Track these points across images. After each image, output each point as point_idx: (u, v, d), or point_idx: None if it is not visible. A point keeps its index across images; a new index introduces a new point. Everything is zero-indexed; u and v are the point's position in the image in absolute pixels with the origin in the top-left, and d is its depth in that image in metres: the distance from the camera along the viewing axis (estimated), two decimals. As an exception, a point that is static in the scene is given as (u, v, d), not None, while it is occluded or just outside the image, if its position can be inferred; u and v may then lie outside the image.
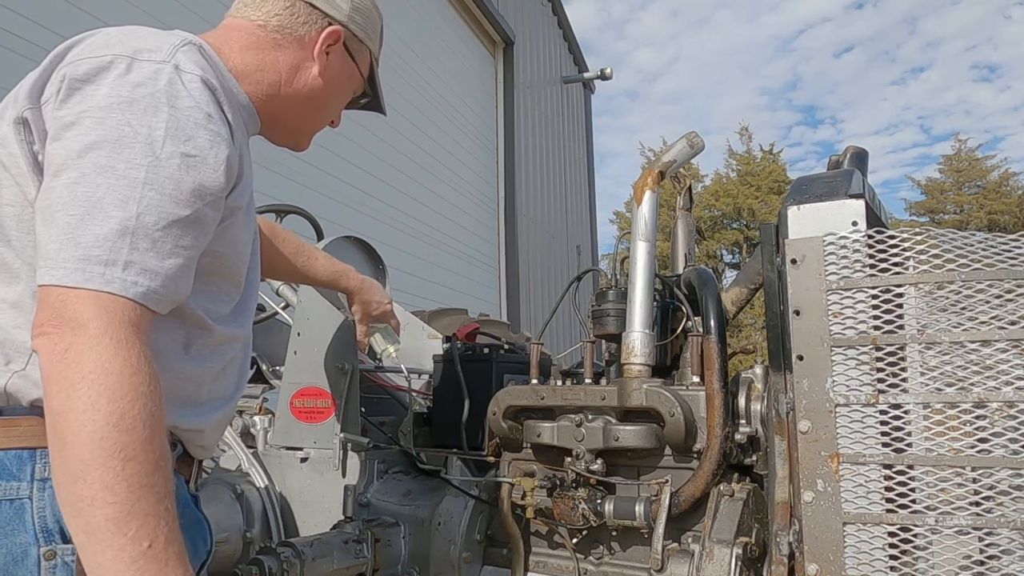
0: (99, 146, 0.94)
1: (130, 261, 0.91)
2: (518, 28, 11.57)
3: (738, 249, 30.27)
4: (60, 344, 0.88)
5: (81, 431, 0.85)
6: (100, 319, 0.89)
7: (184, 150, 0.98)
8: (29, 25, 4.04)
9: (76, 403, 0.85)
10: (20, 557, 0.93)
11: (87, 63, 1.00)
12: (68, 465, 0.86)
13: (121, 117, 0.96)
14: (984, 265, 1.25)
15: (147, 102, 0.98)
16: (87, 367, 0.86)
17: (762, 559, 1.56)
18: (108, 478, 0.84)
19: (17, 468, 0.96)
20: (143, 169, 0.94)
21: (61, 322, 0.89)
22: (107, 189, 0.92)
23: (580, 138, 14.74)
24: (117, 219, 0.92)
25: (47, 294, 0.91)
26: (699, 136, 1.82)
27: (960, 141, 32.15)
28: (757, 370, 1.64)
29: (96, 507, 0.84)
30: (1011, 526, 1.18)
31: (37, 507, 0.95)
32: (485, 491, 1.92)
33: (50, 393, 0.88)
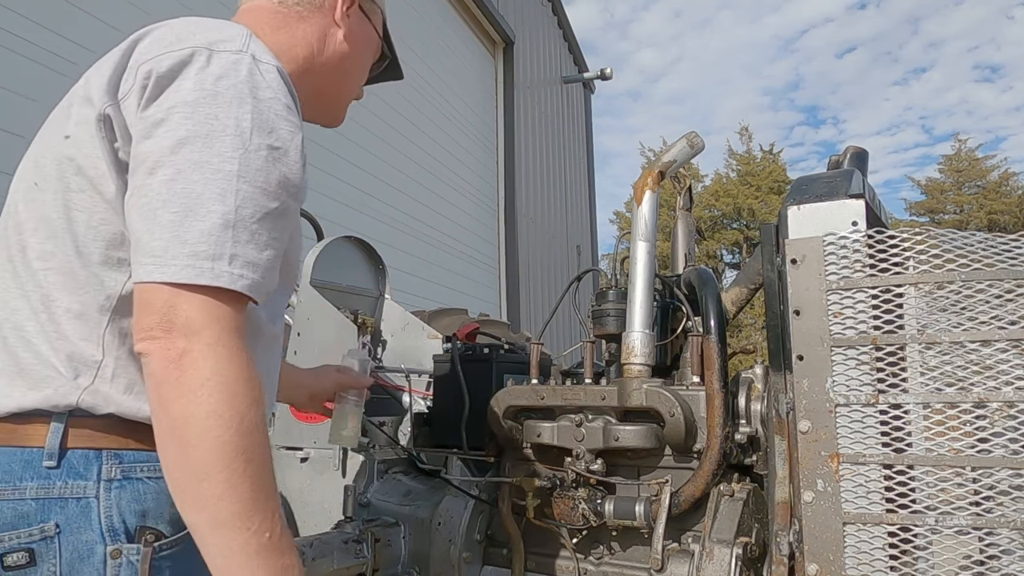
0: (190, 141, 0.95)
1: (235, 254, 0.93)
2: (518, 28, 11.57)
3: (738, 249, 30.27)
4: (173, 350, 0.89)
5: (206, 435, 0.88)
6: (212, 325, 0.91)
7: (269, 142, 0.99)
8: (29, 25, 4.04)
9: (198, 409, 0.88)
10: (86, 555, 0.95)
11: (168, 58, 1.00)
12: (191, 466, 0.89)
13: (208, 111, 0.97)
14: (984, 265, 1.25)
15: (231, 94, 0.98)
16: (205, 373, 0.89)
17: (762, 559, 1.56)
18: (233, 478, 0.88)
19: (84, 468, 0.97)
20: (235, 162, 0.95)
21: (171, 327, 0.90)
22: (204, 184, 0.93)
23: (580, 138, 14.74)
24: (218, 213, 0.93)
25: (152, 293, 0.91)
26: (699, 136, 1.82)
27: (960, 141, 32.18)
28: (757, 370, 1.64)
29: (223, 504, 0.88)
30: (1011, 526, 1.18)
31: (104, 507, 0.97)
32: (485, 491, 1.92)
33: (167, 398, 0.89)
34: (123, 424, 1.00)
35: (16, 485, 0.96)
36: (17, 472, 0.97)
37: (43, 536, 0.95)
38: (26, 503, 0.95)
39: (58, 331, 1.00)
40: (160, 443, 0.92)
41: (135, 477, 0.99)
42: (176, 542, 1.00)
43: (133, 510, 0.98)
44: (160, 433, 0.92)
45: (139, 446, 1.00)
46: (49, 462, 0.97)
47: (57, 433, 0.98)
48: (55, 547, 0.95)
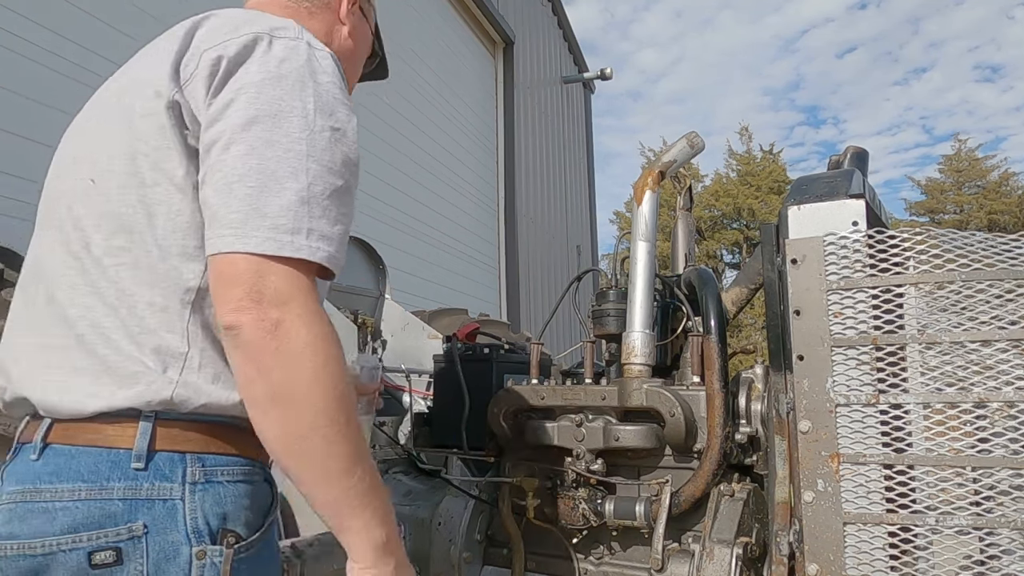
0: (260, 120, 0.99)
1: (311, 228, 0.97)
2: (518, 28, 11.57)
3: (738, 249, 30.27)
4: (267, 321, 0.93)
5: (310, 398, 0.94)
6: (299, 295, 0.95)
7: (331, 124, 1.04)
8: (29, 25, 4.04)
9: (300, 375, 0.94)
10: (172, 555, 0.97)
11: (234, 44, 1.04)
12: (297, 429, 0.95)
13: (274, 93, 1.01)
14: (984, 265, 1.25)
15: (294, 77, 1.03)
16: (302, 341, 0.94)
17: (762, 559, 1.56)
18: (337, 435, 0.96)
19: (170, 470, 1.00)
20: (303, 142, 1.00)
21: (261, 297, 0.94)
22: (277, 162, 0.98)
23: (580, 138, 14.74)
24: (293, 190, 0.97)
25: (236, 264, 0.94)
26: (699, 136, 1.82)
27: (960, 141, 32.17)
28: (757, 370, 1.64)
29: (331, 460, 0.96)
30: (1011, 526, 1.18)
31: (189, 508, 0.99)
32: (485, 491, 1.92)
33: (267, 367, 0.93)
34: (206, 427, 1.03)
35: (103, 485, 0.97)
36: (104, 472, 0.98)
37: (131, 536, 0.96)
38: (113, 503, 0.97)
39: (141, 325, 1.01)
40: (259, 411, 0.96)
41: (216, 480, 1.02)
42: (251, 544, 1.03)
43: (215, 512, 1.01)
44: (258, 402, 0.96)
45: (220, 450, 1.03)
46: (137, 464, 0.98)
47: (145, 435, 0.99)
48: (142, 547, 0.96)
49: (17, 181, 3.88)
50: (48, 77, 4.09)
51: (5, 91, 3.89)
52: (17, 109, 3.92)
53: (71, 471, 0.98)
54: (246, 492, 1.04)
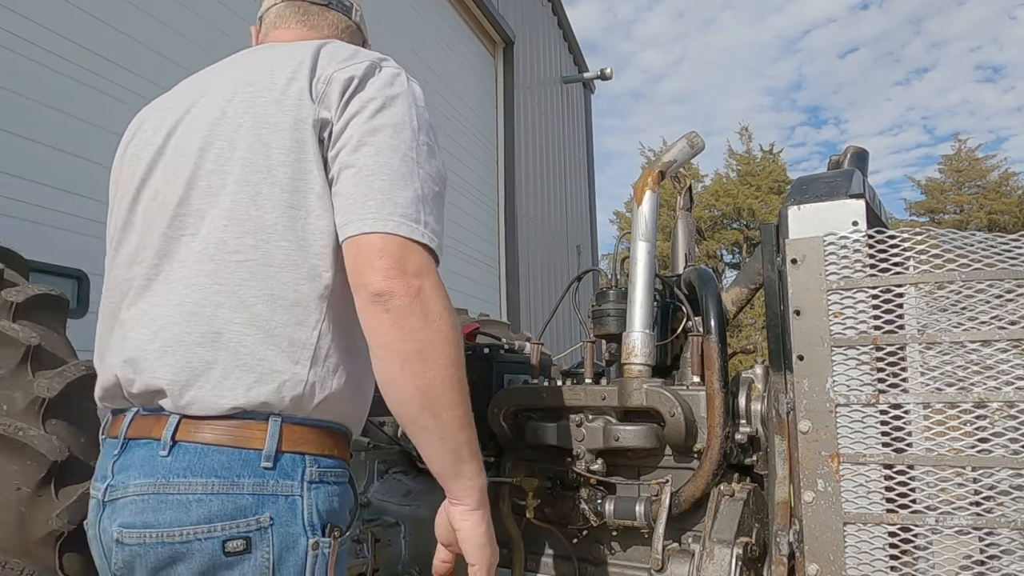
0: (383, 128, 1.16)
1: (427, 221, 1.13)
2: (518, 28, 11.56)
3: (738, 249, 30.27)
4: (412, 288, 1.08)
5: (447, 355, 1.09)
6: (431, 270, 1.11)
7: (427, 140, 1.21)
8: (29, 25, 4.04)
9: (440, 335, 1.09)
10: (292, 545, 1.09)
11: (358, 68, 1.21)
12: (432, 379, 1.09)
13: (392, 108, 1.18)
14: (984, 265, 1.25)
15: (403, 98, 1.21)
16: (440, 305, 1.10)
17: (762, 559, 1.56)
18: (462, 390, 1.12)
19: (291, 469, 1.11)
20: (414, 151, 1.17)
21: (405, 268, 1.08)
22: (400, 164, 1.14)
23: (580, 138, 14.73)
24: (412, 189, 1.14)
25: (381, 241, 1.09)
26: (699, 136, 1.82)
27: (960, 141, 32.18)
28: (757, 370, 1.64)
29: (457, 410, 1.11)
30: (1011, 526, 1.18)
31: (307, 504, 1.11)
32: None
33: (414, 328, 1.07)
34: (319, 432, 1.15)
35: (234, 481, 1.08)
36: (236, 469, 1.08)
37: (259, 527, 1.07)
38: (244, 497, 1.07)
39: (275, 321, 1.12)
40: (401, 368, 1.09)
41: (327, 481, 1.14)
42: (345, 539, 1.16)
43: (326, 509, 1.13)
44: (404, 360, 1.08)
45: (330, 453, 1.16)
46: (266, 463, 1.09)
47: (274, 437, 1.10)
48: (268, 537, 1.07)
49: (17, 181, 3.88)
50: (48, 77, 4.09)
51: (5, 91, 3.89)
52: (17, 109, 3.92)
53: (204, 467, 1.08)
54: (344, 491, 1.18)
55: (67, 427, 1.64)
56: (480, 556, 1.18)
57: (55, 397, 1.62)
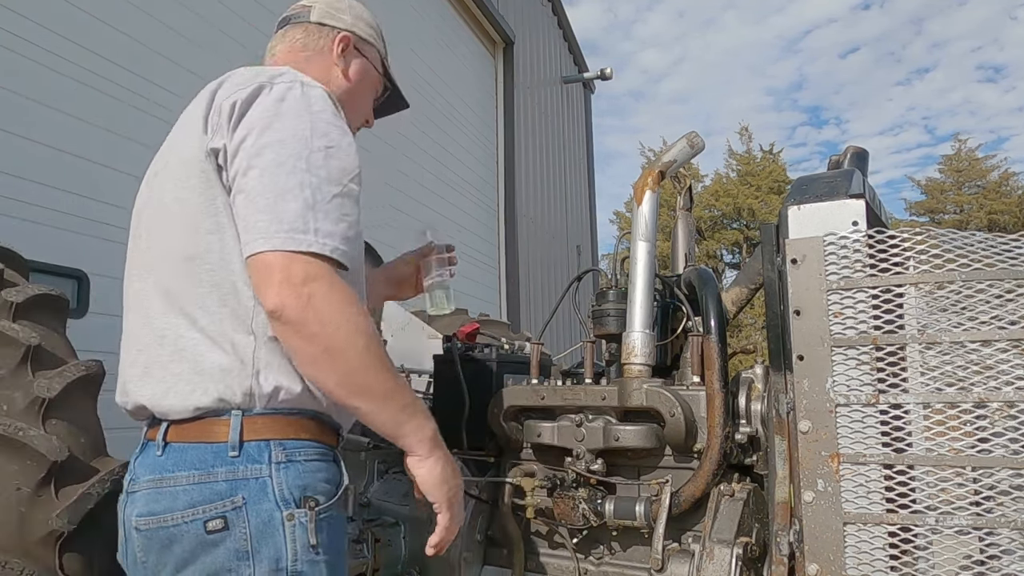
0: (268, 147, 1.24)
1: (317, 228, 1.21)
2: (518, 28, 11.56)
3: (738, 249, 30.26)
4: (302, 297, 1.17)
5: (357, 345, 1.20)
6: (321, 274, 1.19)
7: (324, 143, 1.27)
8: (29, 25, 4.04)
9: (340, 329, 1.18)
10: (268, 519, 1.22)
11: (244, 91, 1.29)
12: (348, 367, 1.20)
13: (278, 124, 1.26)
14: (984, 265, 1.25)
15: (292, 111, 1.28)
16: (335, 305, 1.19)
17: (762, 559, 1.56)
18: (378, 364, 1.22)
19: (258, 454, 1.24)
20: (304, 160, 1.24)
21: (292, 280, 1.17)
22: (286, 178, 1.22)
23: (580, 138, 14.72)
24: (300, 199, 1.21)
25: (265, 261, 1.19)
26: (699, 136, 1.82)
27: (960, 141, 32.16)
28: (757, 370, 1.64)
29: (383, 383, 1.23)
30: (1011, 526, 1.18)
31: (276, 483, 1.23)
32: (485, 491, 1.92)
33: (314, 333, 1.18)
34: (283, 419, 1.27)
35: (210, 471, 1.23)
36: (210, 461, 1.24)
37: (234, 507, 1.21)
38: (219, 484, 1.22)
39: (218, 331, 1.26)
40: (316, 369, 1.22)
41: (296, 460, 1.26)
42: (328, 508, 1.27)
43: (297, 484, 1.24)
44: (313, 363, 1.21)
45: (296, 435, 1.27)
46: (233, 452, 1.23)
47: (236, 430, 1.24)
48: (243, 515, 1.21)
49: (17, 181, 3.88)
50: (48, 77, 4.09)
51: (5, 91, 3.89)
52: (17, 109, 3.92)
53: (186, 462, 1.25)
54: (320, 468, 1.28)
55: (67, 427, 1.64)
56: (438, 494, 1.32)
57: (55, 397, 1.62)
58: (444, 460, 1.33)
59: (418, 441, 1.30)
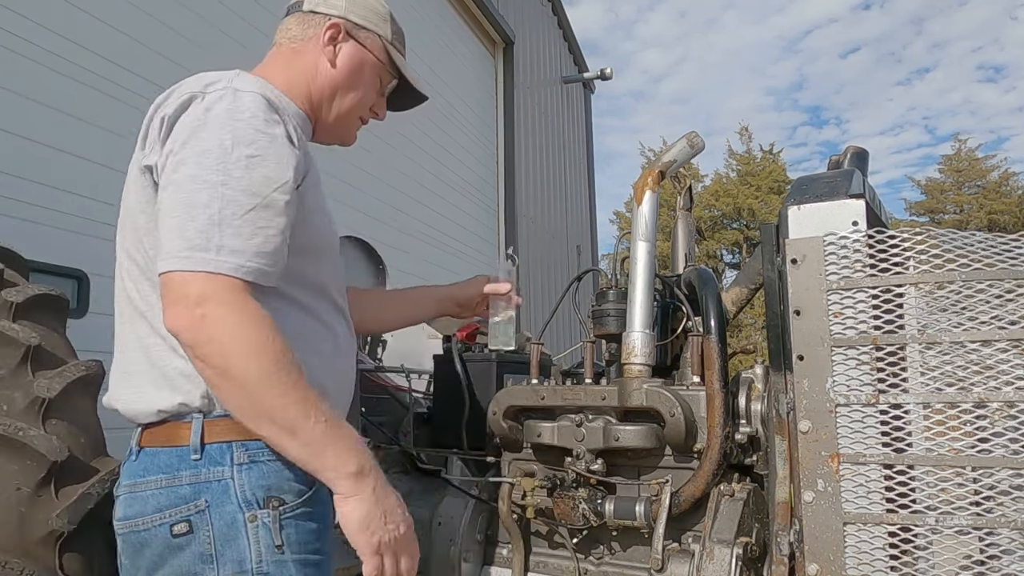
0: (186, 161, 1.20)
1: (221, 245, 1.15)
2: (518, 28, 11.56)
3: (738, 249, 30.26)
4: (194, 317, 1.12)
5: (250, 370, 1.12)
6: (217, 291, 1.13)
7: (248, 152, 1.21)
8: (29, 25, 4.04)
9: (237, 352, 1.12)
10: (231, 521, 1.20)
11: (174, 103, 1.26)
12: (248, 395, 1.14)
13: (200, 136, 1.22)
14: (984, 265, 1.25)
15: (217, 121, 1.23)
16: (229, 324, 1.13)
17: (762, 559, 1.56)
18: (281, 392, 1.14)
19: (220, 457, 1.23)
20: (220, 173, 1.18)
21: (186, 299, 1.13)
22: (196, 193, 1.18)
23: (580, 138, 14.72)
24: (206, 215, 1.16)
25: (168, 280, 1.16)
26: (699, 136, 1.82)
27: (960, 141, 32.16)
28: (757, 370, 1.64)
29: (283, 412, 1.14)
30: (1011, 526, 1.18)
31: (238, 484, 1.22)
32: (485, 491, 1.92)
33: (208, 356, 1.13)
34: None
35: (175, 475, 1.23)
36: (175, 465, 1.23)
37: (197, 510, 1.20)
38: (183, 487, 1.22)
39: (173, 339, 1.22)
40: (219, 392, 1.17)
41: (259, 460, 1.24)
42: (296, 507, 1.24)
43: (260, 485, 1.22)
44: (214, 385, 1.16)
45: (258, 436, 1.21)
46: (195, 456, 1.22)
47: (197, 433, 1.23)
48: (207, 518, 1.20)
49: (17, 181, 3.88)
50: (48, 77, 4.09)
51: (5, 91, 3.89)
52: (17, 109, 3.92)
53: (154, 466, 1.25)
54: (286, 467, 1.24)
55: (67, 427, 1.64)
56: (358, 541, 1.21)
57: (55, 397, 1.62)
58: (370, 502, 1.20)
59: (337, 478, 1.18)
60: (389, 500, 1.24)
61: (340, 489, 1.19)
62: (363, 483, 1.19)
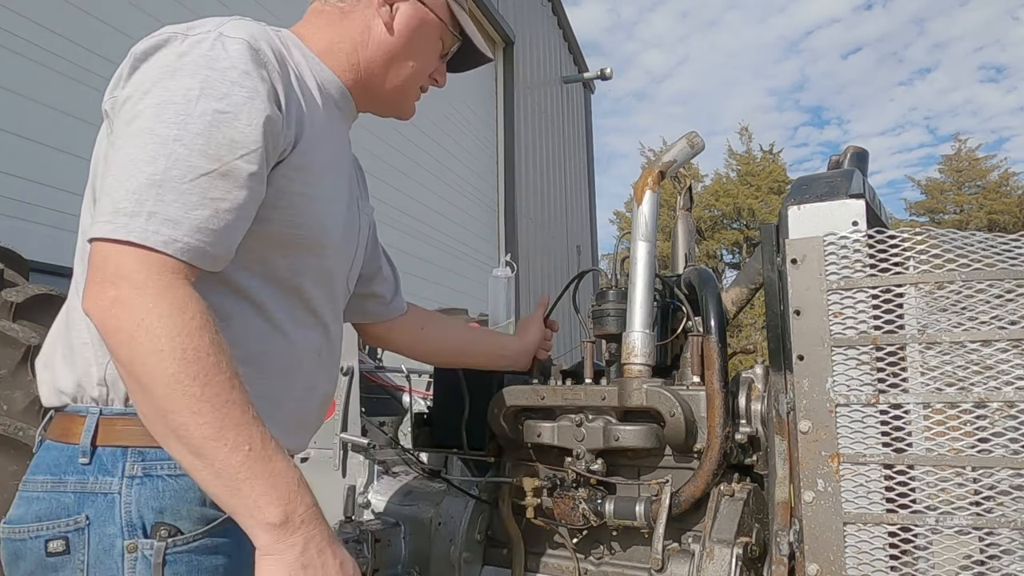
0: (142, 114, 0.99)
1: (153, 212, 0.94)
2: (518, 28, 11.56)
3: (738, 249, 30.26)
4: (105, 299, 0.92)
5: (156, 372, 0.90)
6: (138, 270, 0.92)
7: (217, 107, 1.00)
8: (29, 25, 4.04)
9: (140, 349, 0.90)
10: (109, 547, 0.99)
11: (146, 42, 1.06)
12: (154, 403, 0.91)
13: (165, 84, 1.01)
14: (984, 265, 1.25)
15: (190, 68, 1.01)
16: (139, 315, 0.90)
17: (762, 559, 1.56)
18: (193, 404, 0.90)
19: (111, 464, 1.01)
20: (175, 127, 0.97)
21: (103, 276, 0.93)
22: (140, 148, 0.97)
23: (580, 138, 14.73)
24: (146, 174, 0.95)
25: (92, 251, 0.96)
26: (699, 136, 1.82)
27: (960, 141, 32.17)
28: (757, 370, 1.64)
29: (192, 430, 0.90)
30: (1011, 526, 1.18)
31: (124, 502, 1.00)
32: (485, 491, 1.92)
33: (113, 347, 0.92)
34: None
35: (61, 478, 1.02)
36: (63, 466, 1.03)
37: (76, 527, 1.00)
38: (67, 495, 1.01)
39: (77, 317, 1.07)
40: (131, 395, 0.96)
41: (155, 475, 1.02)
42: (194, 538, 1.01)
43: (151, 506, 1.00)
44: (128, 387, 0.95)
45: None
46: (83, 459, 1.02)
47: (89, 431, 1.02)
48: (85, 538, 0.99)
49: (17, 181, 3.88)
50: (48, 77, 4.09)
51: (5, 91, 3.89)
52: (17, 109, 3.92)
53: (44, 464, 1.05)
54: (191, 486, 1.00)
55: (67, 427, 1.64)
56: None
57: (55, 397, 1.62)
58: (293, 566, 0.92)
59: (253, 525, 0.92)
60: (326, 569, 0.94)
61: (256, 541, 0.93)
62: (287, 538, 0.92)
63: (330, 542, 0.96)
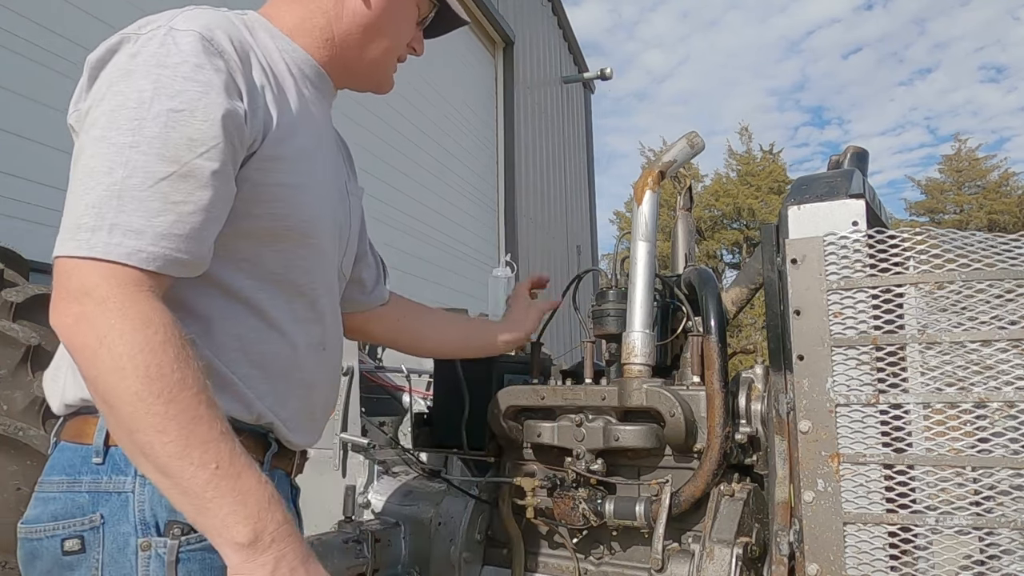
0: (98, 121, 0.98)
1: (115, 224, 0.92)
2: (518, 28, 11.56)
3: (738, 249, 30.27)
4: (69, 316, 0.91)
5: (118, 390, 0.89)
6: (100, 285, 0.91)
7: (171, 106, 0.97)
8: (29, 25, 4.04)
9: (102, 367, 0.89)
10: (123, 546, 1.00)
11: (100, 49, 1.05)
12: (121, 422, 0.91)
13: (118, 88, 0.99)
14: (984, 265, 1.25)
15: (142, 69, 0.99)
16: (100, 332, 0.89)
17: (762, 559, 1.56)
18: (157, 422, 0.89)
19: (124, 464, 1.02)
20: (130, 133, 0.95)
21: (67, 293, 0.92)
22: (98, 159, 0.95)
23: (580, 138, 14.73)
24: (104, 185, 0.93)
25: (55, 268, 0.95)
26: (699, 136, 1.82)
27: (960, 141, 32.18)
28: (757, 370, 1.64)
29: (157, 449, 0.89)
30: (1012, 526, 1.18)
31: (138, 500, 1.01)
32: (485, 491, 1.92)
33: (79, 364, 0.92)
34: None
35: (76, 478, 1.04)
36: (77, 466, 1.04)
37: (91, 526, 1.01)
38: (82, 495, 1.03)
39: None
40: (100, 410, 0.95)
41: None
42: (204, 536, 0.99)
43: (164, 505, 1.00)
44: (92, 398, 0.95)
45: None
46: (96, 459, 1.03)
47: (102, 432, 1.03)
48: (100, 537, 1.01)
49: (17, 181, 3.88)
50: (48, 77, 4.09)
51: (5, 91, 3.89)
52: (17, 109, 3.92)
53: (59, 465, 1.07)
54: None
55: (67, 427, 1.64)
56: None
57: (55, 397, 1.62)
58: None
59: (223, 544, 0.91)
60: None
61: (227, 561, 0.92)
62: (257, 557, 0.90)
63: (303, 560, 0.95)
